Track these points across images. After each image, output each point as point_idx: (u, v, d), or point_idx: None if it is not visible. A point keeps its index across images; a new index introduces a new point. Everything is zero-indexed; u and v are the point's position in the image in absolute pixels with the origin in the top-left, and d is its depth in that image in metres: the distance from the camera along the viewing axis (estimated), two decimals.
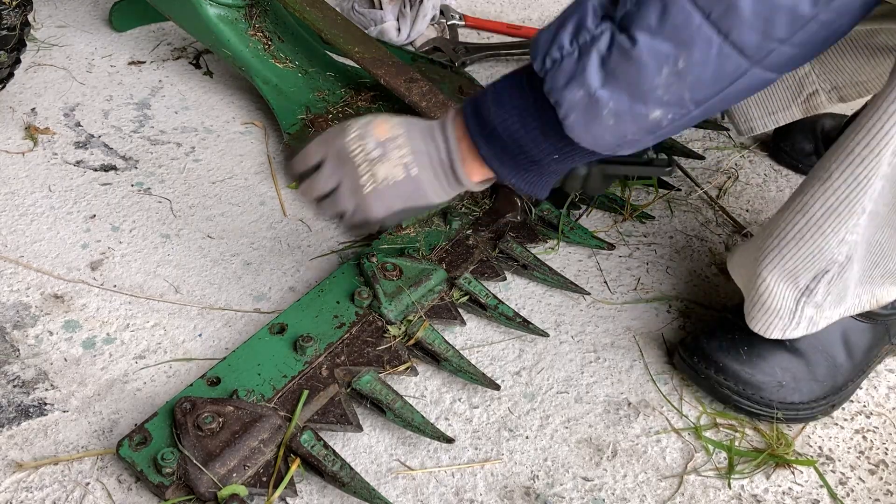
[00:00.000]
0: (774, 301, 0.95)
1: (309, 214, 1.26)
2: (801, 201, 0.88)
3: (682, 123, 0.76)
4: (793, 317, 0.96)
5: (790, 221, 0.90)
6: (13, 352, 1.03)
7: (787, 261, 0.92)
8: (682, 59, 0.70)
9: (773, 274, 0.93)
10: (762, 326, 0.98)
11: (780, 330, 0.97)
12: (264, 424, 0.89)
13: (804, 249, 0.90)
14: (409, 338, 1.02)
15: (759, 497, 0.93)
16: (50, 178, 1.28)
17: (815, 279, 0.92)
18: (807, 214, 0.88)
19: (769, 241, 0.93)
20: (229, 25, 1.34)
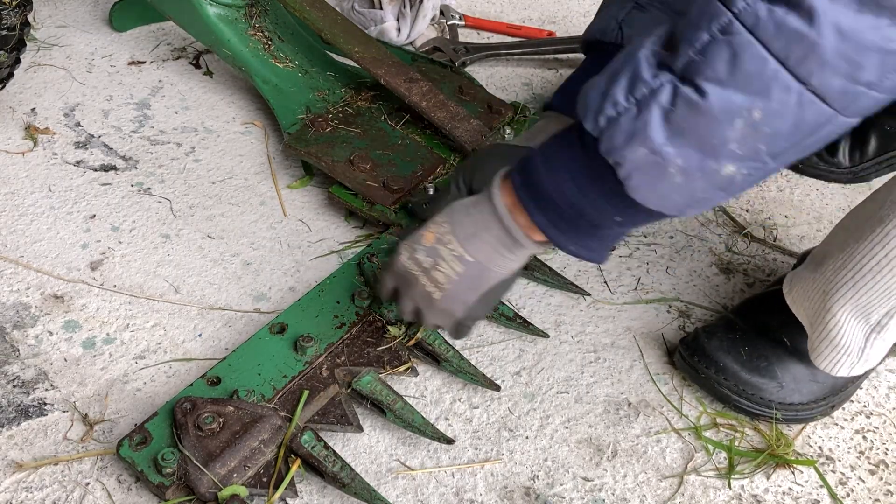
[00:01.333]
0: (845, 338, 0.92)
1: (309, 214, 1.26)
2: (882, 231, 0.84)
3: (758, 177, 0.69)
4: (861, 353, 0.94)
5: (867, 254, 0.85)
6: (13, 352, 1.03)
7: (862, 296, 0.88)
8: (757, 111, 0.63)
9: (844, 310, 0.90)
10: (829, 364, 0.96)
11: (847, 367, 0.95)
12: (265, 425, 0.89)
13: (881, 284, 0.86)
14: (410, 338, 1.02)
15: (759, 497, 0.93)
16: (50, 178, 1.28)
17: (887, 314, 0.89)
18: (887, 247, 0.84)
19: (841, 274, 0.88)
20: (229, 25, 1.34)
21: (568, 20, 1.82)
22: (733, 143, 0.65)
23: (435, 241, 0.85)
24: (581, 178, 0.74)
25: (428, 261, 0.85)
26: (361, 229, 1.24)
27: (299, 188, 1.31)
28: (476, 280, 0.85)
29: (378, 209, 1.18)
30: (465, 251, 0.83)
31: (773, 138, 0.64)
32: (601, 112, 0.69)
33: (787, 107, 0.62)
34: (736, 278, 1.20)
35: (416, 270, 0.86)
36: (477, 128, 1.26)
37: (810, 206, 1.34)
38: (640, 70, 0.67)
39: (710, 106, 0.63)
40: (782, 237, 1.28)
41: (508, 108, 1.36)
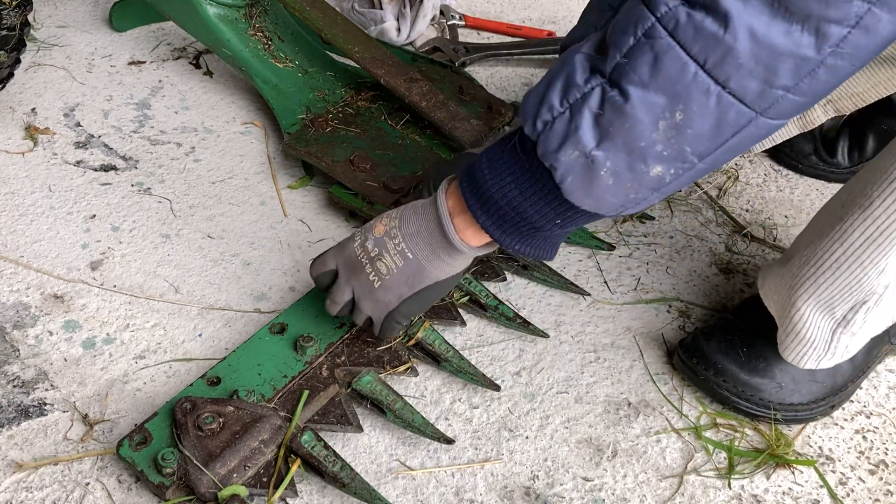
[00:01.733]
0: (809, 332, 0.93)
1: (309, 214, 1.26)
2: (841, 229, 0.85)
3: (688, 178, 0.71)
4: (828, 347, 0.95)
5: (828, 250, 0.87)
6: (13, 352, 1.03)
7: (824, 291, 0.89)
8: (679, 112, 0.65)
9: (808, 304, 0.91)
10: (795, 357, 0.97)
11: (814, 360, 0.96)
12: (265, 425, 0.89)
13: (841, 280, 0.88)
14: (410, 338, 1.02)
15: (759, 497, 0.93)
16: (50, 178, 1.28)
17: (852, 310, 0.90)
18: (845, 244, 0.85)
19: (805, 269, 0.90)
20: (229, 25, 1.34)
21: (568, 20, 1.82)
22: (658, 144, 0.67)
23: (384, 233, 0.88)
24: (522, 182, 0.76)
25: (375, 250, 0.89)
26: None
27: (299, 188, 1.31)
28: (413, 277, 0.88)
29: (378, 209, 1.18)
30: (406, 247, 0.87)
31: (697, 139, 0.66)
32: (538, 116, 0.71)
33: (708, 108, 0.64)
34: (736, 278, 1.20)
35: (363, 258, 0.90)
36: (477, 128, 1.26)
37: (810, 206, 1.34)
38: (575, 74, 0.69)
39: (633, 109, 0.65)
40: (782, 237, 1.28)
41: (508, 108, 1.37)
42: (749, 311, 1.05)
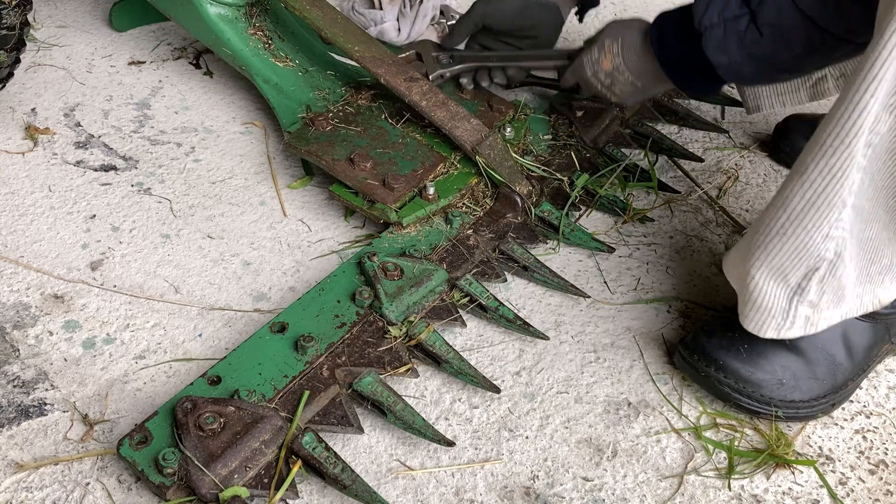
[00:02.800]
0: (765, 299, 0.94)
1: (309, 214, 1.26)
2: (782, 195, 0.89)
3: None
4: (786, 316, 0.95)
5: (773, 217, 0.90)
6: (13, 352, 1.03)
7: (774, 257, 0.91)
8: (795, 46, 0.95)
9: (761, 271, 0.93)
10: (755, 325, 0.97)
11: (774, 329, 0.96)
12: (265, 425, 0.89)
13: (788, 245, 0.90)
14: (410, 339, 1.02)
15: (759, 497, 0.93)
16: (50, 178, 1.28)
17: (805, 277, 0.91)
18: (787, 209, 0.88)
19: (756, 237, 0.93)
20: (229, 24, 1.34)
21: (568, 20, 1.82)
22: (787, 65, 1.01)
23: (612, 69, 1.19)
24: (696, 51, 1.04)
25: (607, 80, 1.21)
26: (361, 229, 1.24)
27: (299, 188, 1.31)
28: (641, 93, 1.23)
29: (378, 208, 1.18)
30: (636, 79, 1.19)
31: None
32: (703, 20, 1.00)
33: None
34: None
35: (596, 83, 1.23)
36: (477, 127, 1.26)
37: None
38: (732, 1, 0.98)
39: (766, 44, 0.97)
40: None
41: (509, 107, 1.36)
42: None
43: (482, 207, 1.22)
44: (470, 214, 1.20)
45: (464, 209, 1.21)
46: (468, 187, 1.23)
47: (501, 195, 1.22)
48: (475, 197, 1.23)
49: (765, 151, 1.44)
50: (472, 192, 1.23)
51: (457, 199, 1.22)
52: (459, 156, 1.27)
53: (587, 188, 1.29)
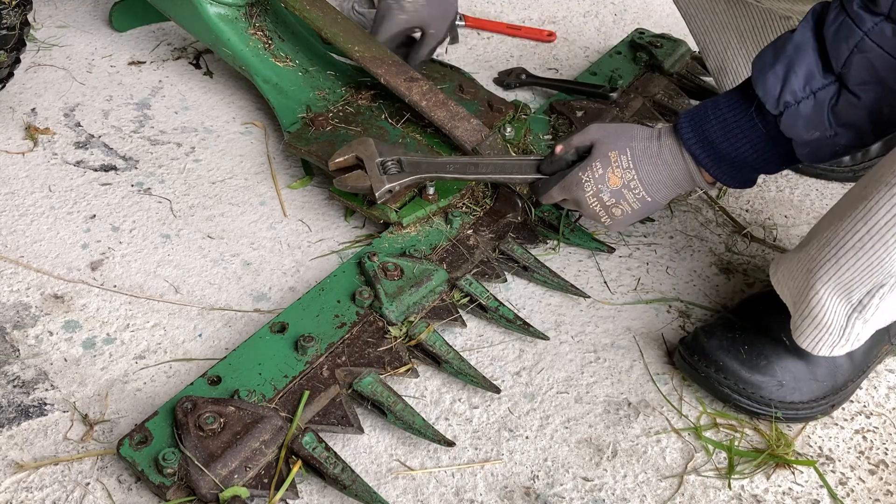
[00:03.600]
0: (826, 316, 0.93)
1: (309, 214, 1.26)
2: (865, 207, 0.85)
3: None
4: (843, 333, 0.94)
5: (850, 230, 0.87)
6: (13, 352, 1.03)
7: (844, 272, 0.89)
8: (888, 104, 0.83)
9: (827, 286, 0.91)
10: (811, 343, 0.96)
11: (828, 347, 0.96)
12: (265, 425, 0.89)
13: (863, 260, 0.87)
14: (410, 339, 1.02)
15: (759, 497, 0.93)
16: (50, 178, 1.28)
17: (868, 294, 0.90)
18: (869, 222, 0.85)
19: (825, 251, 0.89)
20: (229, 24, 1.34)
21: (568, 20, 1.82)
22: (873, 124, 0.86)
23: (622, 185, 1.02)
24: (760, 145, 0.93)
25: (611, 200, 1.03)
26: (361, 229, 1.24)
27: (299, 188, 1.31)
28: (647, 211, 1.05)
29: (378, 208, 1.18)
30: (646, 194, 1.02)
31: None
32: (781, 97, 0.87)
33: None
34: (736, 278, 1.20)
35: (596, 206, 1.04)
36: (477, 127, 1.26)
37: (810, 206, 1.34)
38: (814, 70, 0.85)
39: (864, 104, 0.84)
40: (782, 237, 1.28)
41: (509, 107, 1.37)
42: (749, 311, 1.05)
43: (482, 207, 1.22)
44: (470, 214, 1.20)
45: (464, 209, 1.21)
46: (468, 187, 1.23)
47: (501, 195, 1.22)
48: (475, 197, 1.23)
49: None
50: (472, 192, 1.23)
51: (457, 199, 1.22)
52: (459, 155, 1.27)
53: None
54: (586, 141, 1.05)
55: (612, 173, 1.02)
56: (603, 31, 1.78)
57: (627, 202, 1.03)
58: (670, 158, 1.00)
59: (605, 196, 1.03)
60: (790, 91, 0.86)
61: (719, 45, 1.31)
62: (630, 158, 1.01)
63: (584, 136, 1.05)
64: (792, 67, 0.86)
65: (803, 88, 0.86)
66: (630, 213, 1.04)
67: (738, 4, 1.28)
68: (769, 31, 1.27)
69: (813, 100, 0.86)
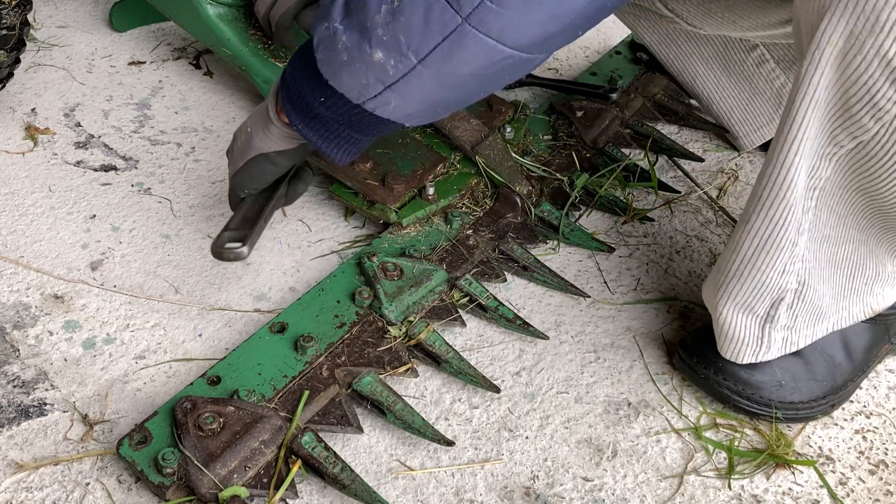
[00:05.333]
0: (737, 331, 0.95)
1: (309, 214, 1.26)
2: (734, 240, 0.90)
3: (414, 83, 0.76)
4: (760, 342, 0.96)
5: (728, 260, 0.92)
6: (13, 352, 1.03)
7: (737, 295, 0.93)
8: None
9: (727, 307, 0.94)
10: (731, 354, 0.98)
11: (751, 355, 0.98)
12: (265, 425, 0.89)
13: (747, 285, 0.91)
14: (410, 339, 1.02)
15: (759, 497, 0.93)
16: (50, 178, 1.28)
17: (773, 307, 0.93)
18: (739, 254, 0.90)
19: (719, 276, 0.94)
20: (229, 24, 1.34)
21: None
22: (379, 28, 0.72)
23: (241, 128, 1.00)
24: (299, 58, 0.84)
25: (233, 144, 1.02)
26: (361, 229, 1.24)
27: None
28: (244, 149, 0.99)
29: (378, 208, 1.18)
30: (248, 126, 0.98)
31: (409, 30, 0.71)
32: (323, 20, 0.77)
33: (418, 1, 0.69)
34: None
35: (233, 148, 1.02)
36: (476, 127, 1.26)
37: None
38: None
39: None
40: None
41: (509, 107, 1.36)
42: None
43: (482, 207, 1.22)
44: (470, 214, 1.20)
45: (464, 209, 1.21)
46: (468, 187, 1.23)
47: (501, 195, 1.22)
48: (475, 197, 1.23)
49: (764, 152, 1.44)
50: (471, 193, 1.23)
51: (457, 199, 1.22)
52: (459, 156, 1.27)
53: (587, 188, 1.29)
54: None
55: None
56: (603, 31, 1.77)
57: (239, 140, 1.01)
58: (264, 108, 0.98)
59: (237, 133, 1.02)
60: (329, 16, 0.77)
61: (688, 74, 1.36)
62: None
63: None
64: None
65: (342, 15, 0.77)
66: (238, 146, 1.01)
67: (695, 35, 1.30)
68: (732, 55, 1.31)
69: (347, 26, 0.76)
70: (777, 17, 1.14)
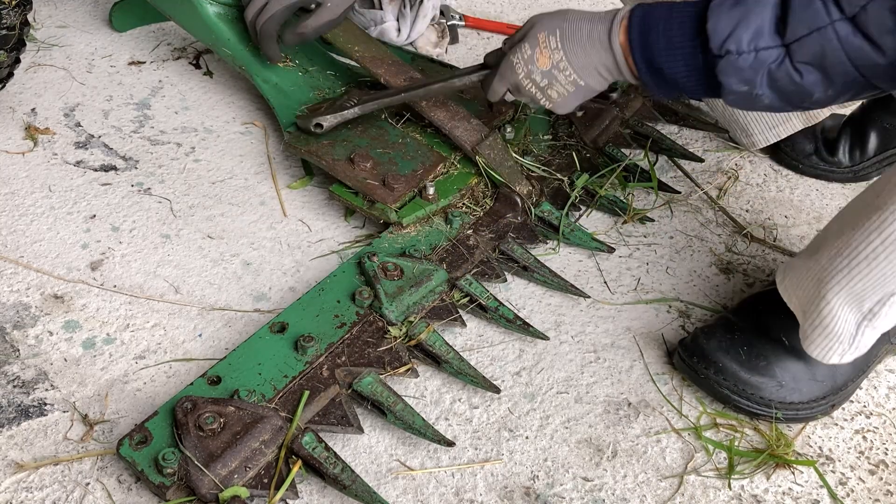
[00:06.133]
0: (837, 325, 0.92)
1: (309, 214, 1.26)
2: (880, 218, 0.85)
3: None
4: (853, 341, 0.94)
5: (863, 241, 0.87)
6: (13, 352, 1.03)
7: (857, 283, 0.89)
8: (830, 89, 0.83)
9: (839, 296, 0.91)
10: (821, 351, 0.96)
11: (839, 355, 0.95)
12: (265, 425, 0.89)
13: (877, 271, 0.87)
14: (410, 339, 1.02)
15: (759, 497, 0.93)
16: (50, 178, 1.28)
17: (879, 302, 0.90)
18: (884, 232, 0.85)
19: (837, 261, 0.89)
20: (229, 24, 1.34)
21: None
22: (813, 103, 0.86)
23: (551, 66, 1.00)
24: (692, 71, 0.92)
25: (544, 81, 1.02)
26: (361, 229, 1.24)
27: (299, 188, 1.31)
28: (582, 95, 1.03)
29: (378, 207, 1.18)
30: (578, 77, 1.00)
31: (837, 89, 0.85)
32: (726, 42, 0.85)
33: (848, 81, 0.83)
34: (736, 278, 1.20)
35: (532, 88, 1.03)
36: (477, 127, 1.26)
37: (810, 206, 1.34)
38: (764, 29, 0.83)
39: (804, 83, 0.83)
40: (782, 237, 1.28)
41: (509, 107, 1.36)
42: (749, 311, 1.05)
43: (482, 207, 1.22)
44: (470, 214, 1.20)
45: (464, 209, 1.21)
46: (468, 187, 1.23)
47: (501, 195, 1.22)
48: (475, 197, 1.23)
49: (765, 152, 1.44)
50: (472, 192, 1.23)
51: (457, 199, 1.22)
52: (459, 156, 1.27)
53: (587, 188, 1.29)
54: (525, 27, 1.04)
55: (541, 54, 1.01)
56: None
57: (560, 84, 1.01)
58: (598, 44, 0.98)
59: (538, 77, 1.02)
60: (735, 40, 0.85)
61: None
62: (559, 39, 0.99)
63: (524, 27, 1.04)
64: (746, 18, 0.84)
65: (748, 43, 0.84)
66: (567, 96, 1.02)
67: None
68: None
69: (754, 56, 0.84)
70: None
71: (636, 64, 0.95)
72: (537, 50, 1.00)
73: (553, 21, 1.00)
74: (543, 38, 1.00)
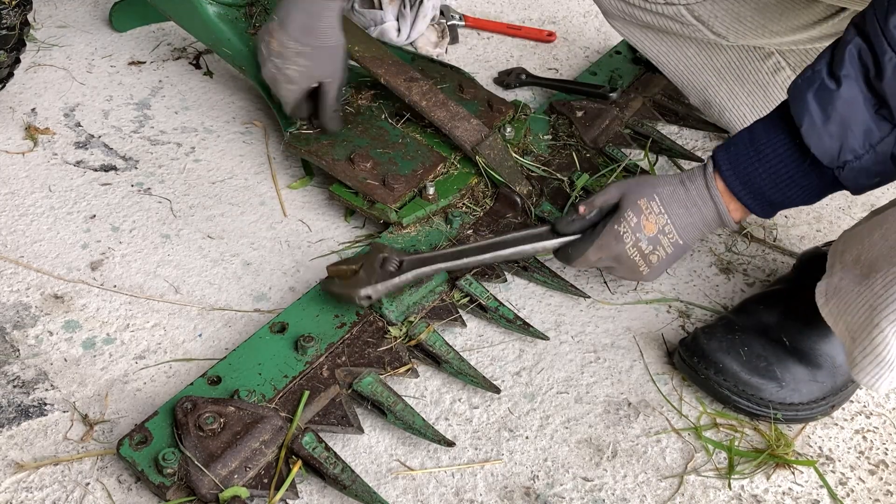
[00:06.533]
0: (890, 354, 0.89)
1: (309, 214, 1.26)
2: None
3: None
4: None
5: None
6: (13, 352, 1.03)
7: None
8: None
9: (894, 325, 0.87)
10: (871, 379, 0.92)
11: (888, 382, 0.92)
12: (265, 425, 0.89)
13: None
14: (410, 339, 1.02)
15: (759, 497, 0.93)
16: (50, 178, 1.28)
17: None
18: None
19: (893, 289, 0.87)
20: (229, 24, 1.34)
21: (568, 20, 1.82)
22: None
23: (657, 231, 0.99)
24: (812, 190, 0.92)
25: (649, 248, 1.00)
26: (361, 229, 1.24)
27: (299, 188, 1.31)
28: (678, 255, 1.02)
29: (378, 208, 1.18)
30: (679, 237, 1.00)
31: None
32: (840, 156, 0.86)
33: None
34: (736, 278, 1.20)
35: (636, 256, 1.01)
36: (477, 127, 1.26)
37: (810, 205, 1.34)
38: (870, 125, 0.84)
39: None
40: (782, 237, 1.28)
41: (509, 107, 1.36)
42: (749, 311, 1.05)
43: (482, 207, 1.22)
44: (470, 214, 1.20)
45: (464, 209, 1.21)
46: (468, 187, 1.23)
47: (501, 195, 1.22)
48: (475, 197, 1.23)
49: None
50: (472, 192, 1.23)
51: (457, 199, 1.22)
52: (459, 156, 1.27)
53: (587, 188, 1.29)
54: (611, 198, 1.02)
55: (647, 220, 1.00)
56: (603, 31, 1.78)
57: (663, 247, 1.00)
58: (700, 201, 0.98)
59: (644, 244, 1.00)
60: (850, 150, 0.85)
61: (698, 84, 1.34)
62: (660, 203, 0.99)
63: (606, 194, 1.03)
64: (848, 126, 0.85)
65: (863, 145, 0.85)
66: (665, 259, 1.01)
67: (708, 46, 1.29)
68: (746, 65, 1.30)
69: (874, 153, 0.85)
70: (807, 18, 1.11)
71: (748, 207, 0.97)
72: (643, 217, 0.99)
73: (645, 187, 1.00)
74: (645, 205, 0.99)
